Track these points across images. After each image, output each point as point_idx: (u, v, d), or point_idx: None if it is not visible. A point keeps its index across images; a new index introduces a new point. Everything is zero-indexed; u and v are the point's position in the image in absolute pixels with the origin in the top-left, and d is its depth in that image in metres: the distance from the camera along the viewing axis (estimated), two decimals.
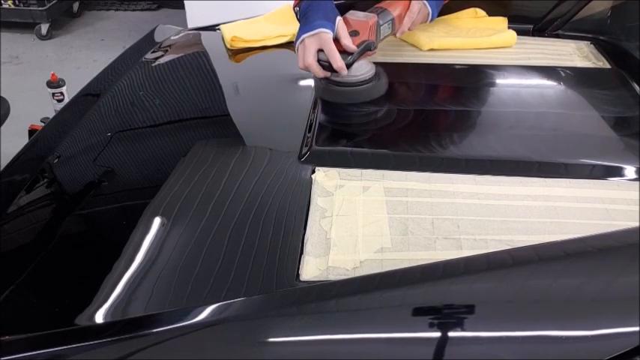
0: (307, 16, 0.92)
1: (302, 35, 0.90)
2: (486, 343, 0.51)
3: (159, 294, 0.61)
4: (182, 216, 0.72)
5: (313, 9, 0.92)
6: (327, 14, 0.90)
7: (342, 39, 0.89)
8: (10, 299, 0.62)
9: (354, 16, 0.95)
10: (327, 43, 0.88)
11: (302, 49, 0.90)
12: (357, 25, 0.93)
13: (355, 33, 0.92)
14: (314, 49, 0.89)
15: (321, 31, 0.88)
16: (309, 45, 0.89)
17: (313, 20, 0.89)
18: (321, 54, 0.89)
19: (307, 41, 0.89)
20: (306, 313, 0.55)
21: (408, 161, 0.79)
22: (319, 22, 0.89)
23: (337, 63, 0.88)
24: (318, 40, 0.88)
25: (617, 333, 0.51)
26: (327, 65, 0.89)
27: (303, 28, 0.90)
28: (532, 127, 0.87)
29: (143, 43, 1.26)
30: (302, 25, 0.92)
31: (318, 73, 0.91)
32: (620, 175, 0.76)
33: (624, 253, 0.57)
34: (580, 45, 1.15)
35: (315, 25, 0.88)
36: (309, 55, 0.89)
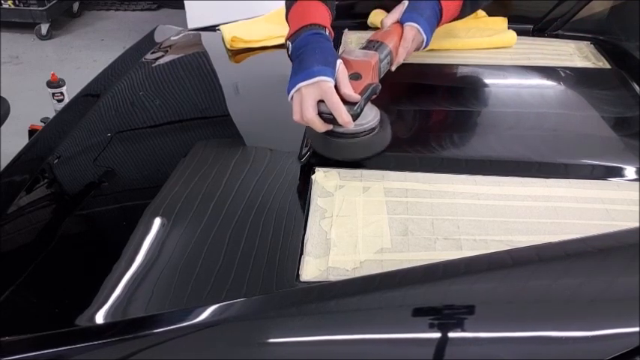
0: (302, 58, 0.79)
1: (298, 84, 0.76)
2: (487, 343, 0.51)
3: (159, 294, 0.61)
4: (182, 216, 0.72)
5: (309, 50, 0.79)
6: (326, 57, 0.78)
7: (343, 88, 0.76)
8: (10, 300, 0.62)
9: (352, 55, 0.83)
10: (330, 95, 0.74)
11: (298, 100, 0.77)
12: (357, 67, 0.81)
13: (356, 76, 0.80)
14: (313, 101, 0.75)
15: (321, 79, 0.75)
16: (307, 96, 0.75)
17: (310, 65, 0.76)
18: (322, 105, 0.76)
19: (305, 91, 0.76)
20: (306, 314, 0.55)
21: (408, 162, 0.79)
22: (318, 68, 0.75)
23: (343, 118, 0.74)
24: (318, 89, 0.75)
25: (617, 333, 0.51)
26: (330, 118, 0.75)
27: (299, 74, 0.77)
28: (532, 127, 0.87)
29: (143, 44, 1.26)
30: (296, 69, 0.78)
31: (320, 128, 0.77)
32: (620, 175, 0.76)
33: (624, 254, 0.57)
34: (580, 45, 1.15)
35: (314, 72, 0.75)
36: (309, 109, 0.75)
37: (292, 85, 0.77)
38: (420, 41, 0.94)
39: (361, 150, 0.80)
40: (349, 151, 0.80)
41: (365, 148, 0.80)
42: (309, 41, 0.80)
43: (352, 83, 0.78)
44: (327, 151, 0.81)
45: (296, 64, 0.80)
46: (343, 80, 0.77)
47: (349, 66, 0.81)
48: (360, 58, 0.83)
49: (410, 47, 0.93)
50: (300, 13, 0.86)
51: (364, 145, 0.80)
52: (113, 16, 3.90)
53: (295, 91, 0.77)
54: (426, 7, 0.94)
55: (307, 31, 0.82)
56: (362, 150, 0.80)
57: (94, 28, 3.72)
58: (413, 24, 0.92)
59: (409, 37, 0.92)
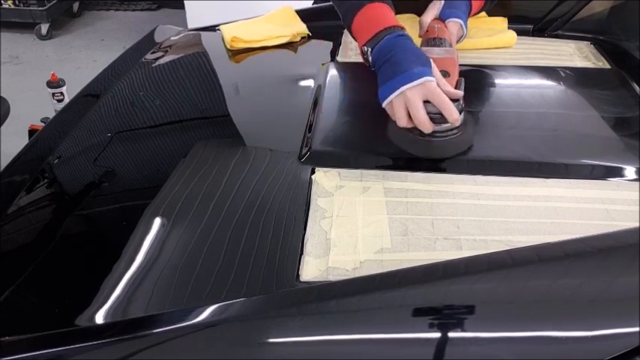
0: (395, 61, 0.77)
1: (401, 87, 0.75)
2: (487, 343, 0.51)
3: (159, 294, 0.61)
4: (182, 216, 0.72)
5: (400, 53, 0.78)
6: (421, 58, 0.77)
7: (443, 86, 0.76)
8: (10, 300, 0.62)
9: (433, 53, 0.83)
10: (437, 94, 0.74)
11: (402, 104, 0.76)
12: (443, 64, 0.81)
13: (445, 73, 0.80)
14: (421, 102, 0.75)
15: (426, 79, 0.74)
16: (413, 98, 0.74)
17: (409, 67, 0.75)
18: (429, 106, 0.75)
19: (410, 93, 0.74)
20: (306, 314, 0.55)
21: (409, 161, 0.79)
22: (419, 69, 0.75)
23: (453, 115, 0.74)
24: (424, 90, 0.74)
25: (617, 333, 0.51)
26: (437, 117, 0.76)
27: (398, 78, 0.75)
28: (532, 127, 0.87)
29: (143, 44, 1.26)
30: (391, 73, 0.77)
31: (429, 129, 0.76)
32: (620, 175, 0.76)
33: (624, 254, 0.57)
34: (580, 45, 1.15)
35: (416, 74, 0.75)
36: (420, 110, 0.74)
37: (392, 89, 0.76)
38: (460, 36, 0.98)
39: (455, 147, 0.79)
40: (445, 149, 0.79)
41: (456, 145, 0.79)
42: (396, 44, 0.80)
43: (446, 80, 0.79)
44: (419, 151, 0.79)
45: (387, 67, 0.79)
46: (441, 78, 0.77)
47: (436, 64, 0.80)
48: (443, 56, 0.83)
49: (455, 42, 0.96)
50: (372, 18, 0.86)
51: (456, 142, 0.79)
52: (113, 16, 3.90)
53: (398, 95, 0.76)
54: (462, 5, 0.99)
55: (389, 34, 0.82)
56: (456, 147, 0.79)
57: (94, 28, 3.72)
58: (456, 19, 0.96)
59: (454, 32, 0.95)
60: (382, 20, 0.84)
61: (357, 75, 1.06)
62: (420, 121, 0.75)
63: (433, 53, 0.83)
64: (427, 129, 0.76)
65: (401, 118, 0.77)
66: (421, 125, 0.76)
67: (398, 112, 0.77)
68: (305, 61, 1.17)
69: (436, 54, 0.83)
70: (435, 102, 0.75)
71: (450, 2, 0.98)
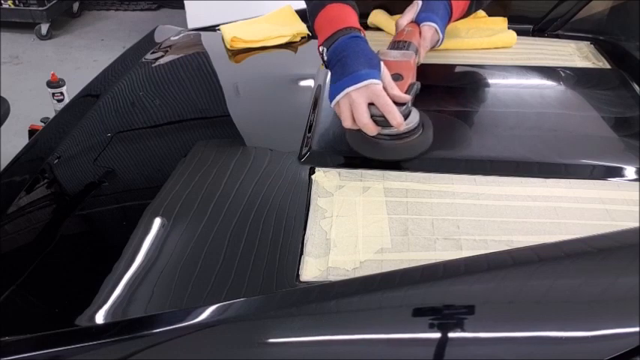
0: (345, 62, 0.77)
1: (346, 88, 0.75)
2: (486, 343, 0.51)
3: (159, 295, 0.61)
4: (182, 217, 0.72)
5: (351, 54, 0.78)
6: (371, 60, 0.77)
7: (391, 89, 0.76)
8: (10, 300, 0.62)
9: (389, 56, 0.83)
10: (381, 97, 0.74)
11: (346, 106, 0.76)
12: (398, 67, 0.81)
13: (398, 76, 0.80)
14: (365, 105, 0.75)
15: (371, 82, 0.74)
16: (357, 100, 0.74)
17: (356, 69, 0.75)
18: (373, 108, 0.75)
19: (354, 95, 0.75)
20: (306, 314, 0.55)
21: (409, 162, 0.79)
22: (366, 72, 0.75)
23: (397, 119, 0.74)
24: (368, 93, 0.74)
25: (617, 333, 0.51)
26: (381, 120, 0.75)
27: (345, 79, 0.76)
28: (532, 127, 0.87)
29: (143, 44, 1.26)
30: (340, 74, 0.77)
31: (373, 132, 0.76)
32: (620, 175, 0.76)
33: (624, 254, 0.57)
34: (580, 45, 1.15)
35: (362, 75, 0.74)
36: (363, 113, 0.74)
37: (338, 90, 0.76)
38: (435, 40, 0.96)
39: (408, 150, 0.79)
40: (397, 152, 0.79)
41: (411, 148, 0.79)
42: (349, 45, 0.80)
43: (396, 84, 0.78)
44: (371, 152, 0.80)
45: (338, 68, 0.79)
46: (390, 82, 0.77)
47: (389, 67, 0.80)
48: (399, 59, 0.83)
49: (428, 47, 0.94)
50: (331, 18, 0.86)
51: (410, 146, 0.79)
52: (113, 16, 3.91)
53: (343, 96, 0.76)
54: (440, 7, 0.96)
55: (344, 35, 0.81)
56: (408, 150, 0.79)
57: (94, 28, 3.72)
58: (431, 24, 0.94)
59: (428, 36, 0.93)
60: (339, 21, 0.84)
61: None
62: (362, 124, 0.75)
63: (389, 56, 0.83)
64: (370, 131, 0.76)
65: (346, 119, 0.77)
66: (364, 127, 0.76)
67: (343, 113, 0.77)
68: (305, 61, 1.17)
69: (392, 57, 0.83)
70: (378, 105, 0.74)
71: (428, 5, 0.96)
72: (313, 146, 0.82)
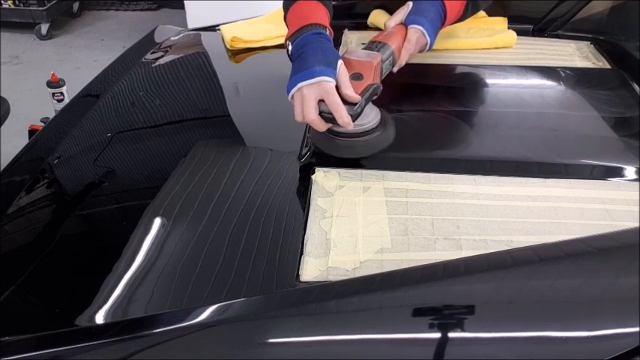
0: (303, 58, 0.79)
1: (299, 83, 0.76)
2: (486, 343, 0.51)
3: (159, 295, 0.61)
4: (182, 217, 0.72)
5: (310, 50, 0.79)
6: (327, 57, 0.78)
7: (344, 88, 0.77)
8: (10, 300, 0.62)
9: (354, 55, 0.83)
10: (330, 95, 0.75)
11: (299, 100, 0.77)
12: (359, 67, 0.81)
13: (358, 76, 0.80)
14: (314, 101, 0.76)
15: (322, 79, 0.75)
16: (308, 95, 0.76)
17: (311, 65, 0.76)
18: (323, 105, 0.76)
19: (306, 91, 0.76)
20: (306, 314, 0.55)
21: (408, 162, 0.79)
22: (319, 69, 0.76)
23: (343, 118, 0.75)
24: (319, 89, 0.75)
25: (617, 333, 0.51)
26: (330, 117, 0.76)
27: (300, 74, 0.77)
28: (532, 127, 0.87)
29: (143, 44, 1.27)
30: (297, 69, 0.79)
31: (321, 128, 0.78)
32: (620, 175, 0.76)
33: (624, 254, 0.57)
34: (580, 45, 1.15)
35: (315, 72, 0.76)
36: (311, 109, 0.76)
37: (293, 84, 0.78)
38: (423, 43, 0.94)
39: (362, 149, 0.80)
40: (350, 150, 0.80)
41: (365, 147, 0.80)
42: (310, 41, 0.81)
43: (353, 83, 0.78)
44: (329, 149, 0.81)
45: (296, 63, 0.80)
46: (344, 81, 0.77)
47: (351, 66, 0.81)
48: (361, 59, 0.83)
49: (413, 49, 0.93)
50: (300, 14, 0.87)
51: (365, 145, 0.80)
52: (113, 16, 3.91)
53: (296, 90, 0.77)
54: (430, 9, 0.94)
55: (308, 31, 0.82)
56: (362, 149, 0.80)
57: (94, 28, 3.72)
58: (417, 26, 0.92)
59: (413, 39, 0.91)
60: (306, 17, 0.85)
61: None
62: (309, 119, 0.77)
63: (354, 55, 0.83)
64: (318, 127, 0.78)
65: (297, 114, 0.78)
66: (311, 123, 0.77)
67: (295, 107, 0.78)
68: None
69: (356, 56, 0.83)
70: (327, 103, 0.75)
71: (419, 6, 0.94)
72: (313, 146, 0.82)
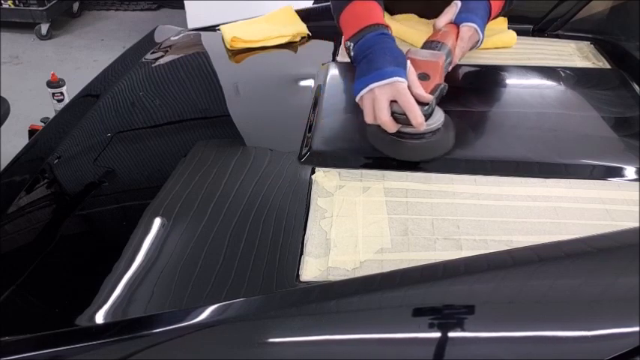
0: (372, 59, 0.79)
1: (371, 84, 0.76)
2: (487, 343, 0.51)
3: (159, 294, 0.61)
4: (182, 216, 0.72)
5: (378, 51, 0.79)
6: (397, 58, 0.78)
7: (415, 88, 0.77)
8: (10, 300, 0.62)
9: (418, 55, 0.83)
10: (404, 95, 0.75)
11: (370, 101, 0.77)
12: (425, 67, 0.81)
13: (424, 76, 0.80)
14: (387, 102, 0.76)
15: (396, 80, 0.75)
16: (380, 96, 0.75)
17: (382, 65, 0.76)
18: (395, 106, 0.76)
19: (378, 92, 0.76)
20: (306, 314, 0.55)
21: (409, 162, 0.79)
22: (392, 69, 0.76)
23: (417, 119, 0.74)
24: (392, 90, 0.75)
25: (617, 333, 0.51)
26: (402, 118, 0.76)
27: (370, 75, 0.77)
28: (532, 127, 0.87)
29: (143, 44, 1.26)
30: (365, 70, 0.78)
31: (392, 129, 0.77)
32: (620, 175, 0.76)
33: (624, 254, 0.57)
34: (580, 45, 1.15)
35: (387, 73, 0.75)
36: (383, 110, 0.75)
37: (363, 85, 0.77)
38: (475, 41, 0.95)
39: (428, 151, 0.79)
40: (417, 152, 0.79)
41: (431, 149, 0.79)
42: (376, 42, 0.81)
43: (422, 83, 0.78)
44: (393, 151, 0.80)
45: (363, 64, 0.80)
46: (414, 80, 0.77)
47: (417, 66, 0.81)
48: (427, 59, 0.83)
49: (466, 47, 0.94)
50: (359, 13, 0.86)
51: (431, 146, 0.79)
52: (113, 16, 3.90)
53: (367, 91, 0.77)
54: (479, 7, 0.96)
55: (372, 32, 0.82)
56: (429, 151, 0.79)
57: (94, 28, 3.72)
58: (470, 24, 0.93)
59: (466, 37, 0.92)
60: (367, 17, 0.84)
61: None
62: (382, 121, 0.76)
63: (418, 55, 0.83)
64: (389, 128, 0.77)
65: (367, 115, 0.78)
66: (383, 124, 0.77)
67: (365, 108, 0.78)
68: (305, 61, 1.17)
69: (421, 56, 0.83)
70: (401, 103, 0.75)
71: (467, 5, 0.95)
72: (313, 146, 0.82)
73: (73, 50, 3.43)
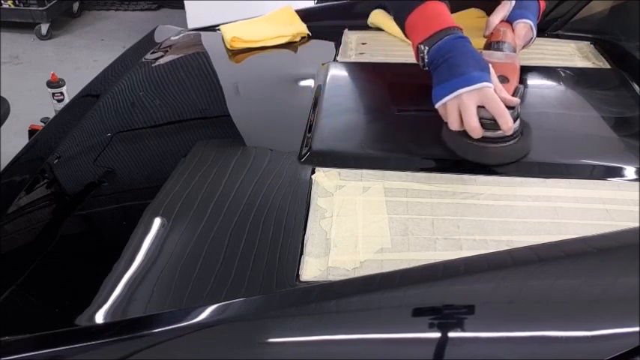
0: (453, 63, 0.76)
1: (458, 90, 0.74)
2: (487, 343, 0.51)
3: (159, 294, 0.61)
4: (182, 216, 0.72)
5: (459, 55, 0.76)
6: (480, 62, 0.76)
7: (499, 92, 0.75)
8: (10, 299, 0.62)
9: (493, 57, 0.80)
10: (493, 101, 0.73)
11: (456, 107, 0.75)
12: (502, 69, 0.79)
13: (503, 79, 0.79)
14: (475, 108, 0.74)
15: (484, 85, 0.73)
16: (468, 102, 0.73)
17: (467, 71, 0.74)
18: (483, 111, 0.74)
19: (466, 97, 0.73)
20: (306, 314, 0.55)
21: (409, 161, 0.79)
22: (478, 74, 0.74)
23: (509, 123, 0.73)
24: (479, 95, 0.73)
25: (617, 333, 0.51)
26: (490, 124, 0.74)
27: (455, 80, 0.74)
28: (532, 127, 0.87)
29: (143, 44, 1.26)
30: (448, 75, 0.76)
31: (479, 135, 0.75)
32: (620, 175, 0.76)
33: (624, 254, 0.57)
34: (580, 45, 1.15)
35: (474, 78, 0.74)
36: (473, 116, 0.73)
37: (447, 91, 0.75)
38: (529, 38, 0.95)
39: (511, 153, 0.78)
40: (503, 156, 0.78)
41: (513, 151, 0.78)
42: (455, 46, 0.78)
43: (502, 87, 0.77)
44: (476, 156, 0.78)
45: (444, 69, 0.78)
46: (498, 84, 0.76)
47: (494, 69, 0.79)
48: (504, 61, 0.81)
49: (521, 44, 0.93)
50: (431, 15, 0.83)
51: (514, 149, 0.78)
52: (113, 16, 3.91)
53: (453, 97, 0.75)
54: (532, 5, 0.96)
55: (448, 35, 0.80)
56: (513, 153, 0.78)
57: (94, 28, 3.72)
58: (526, 21, 0.93)
59: (522, 34, 0.92)
60: (441, 20, 0.82)
61: (357, 75, 1.06)
62: (472, 127, 0.74)
63: (493, 57, 0.80)
64: (477, 135, 0.75)
65: (453, 122, 0.76)
66: (472, 130, 0.75)
67: (451, 115, 0.76)
68: (305, 61, 1.17)
69: (496, 58, 0.80)
70: (490, 108, 0.73)
71: (521, 3, 0.94)
72: (313, 146, 0.82)
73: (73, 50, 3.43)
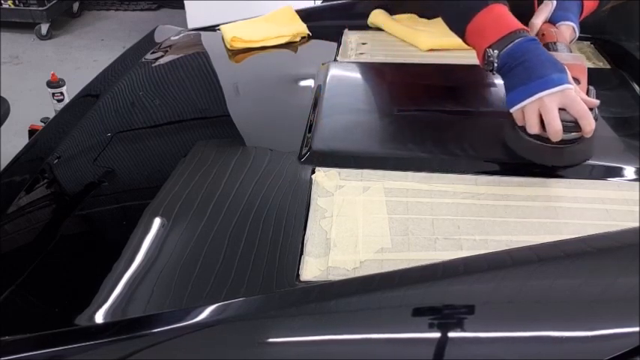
0: (529, 66, 0.75)
1: (538, 93, 0.73)
2: (486, 343, 0.51)
3: (159, 294, 0.61)
4: (182, 216, 0.72)
5: (535, 58, 0.76)
6: (556, 64, 0.75)
7: (579, 93, 0.75)
8: (10, 299, 0.62)
9: (561, 59, 0.79)
10: (576, 103, 0.72)
11: (535, 110, 0.74)
12: (573, 71, 0.78)
13: (576, 81, 0.78)
14: (557, 110, 0.73)
15: (566, 87, 0.73)
16: (550, 105, 0.72)
17: (546, 73, 0.74)
18: (563, 113, 0.73)
19: (547, 100, 0.72)
20: (305, 314, 0.55)
21: (409, 161, 0.79)
22: (558, 76, 0.73)
23: (592, 125, 0.73)
24: (561, 98, 0.73)
25: (617, 333, 0.51)
26: (571, 126, 0.73)
27: (535, 83, 0.74)
28: None
29: (143, 44, 1.27)
30: (525, 78, 0.75)
31: (559, 138, 0.74)
32: (620, 175, 0.76)
33: (624, 254, 0.57)
34: (580, 45, 1.15)
35: (555, 80, 0.73)
36: (557, 119, 0.72)
37: (526, 94, 0.75)
38: (571, 40, 0.94)
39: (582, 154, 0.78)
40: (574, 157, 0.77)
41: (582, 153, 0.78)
42: (529, 48, 0.78)
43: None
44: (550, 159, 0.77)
45: (520, 72, 0.77)
46: (576, 87, 0.75)
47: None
48: (572, 62, 0.80)
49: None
50: (499, 18, 0.82)
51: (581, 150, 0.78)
52: (113, 16, 3.90)
53: (534, 100, 0.74)
54: (574, 6, 0.95)
55: (520, 38, 0.79)
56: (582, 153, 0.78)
57: (94, 28, 3.72)
58: (569, 22, 0.93)
59: (566, 35, 0.91)
60: (509, 22, 0.81)
61: (357, 75, 1.06)
62: (555, 130, 0.73)
63: (561, 59, 0.79)
64: (558, 138, 0.74)
65: (533, 125, 0.75)
66: (554, 134, 0.74)
67: (530, 119, 0.75)
68: (305, 61, 1.17)
69: (565, 60, 0.79)
70: (573, 110, 0.73)
71: (563, 4, 0.93)
72: (313, 146, 0.82)
73: (73, 50, 3.43)
